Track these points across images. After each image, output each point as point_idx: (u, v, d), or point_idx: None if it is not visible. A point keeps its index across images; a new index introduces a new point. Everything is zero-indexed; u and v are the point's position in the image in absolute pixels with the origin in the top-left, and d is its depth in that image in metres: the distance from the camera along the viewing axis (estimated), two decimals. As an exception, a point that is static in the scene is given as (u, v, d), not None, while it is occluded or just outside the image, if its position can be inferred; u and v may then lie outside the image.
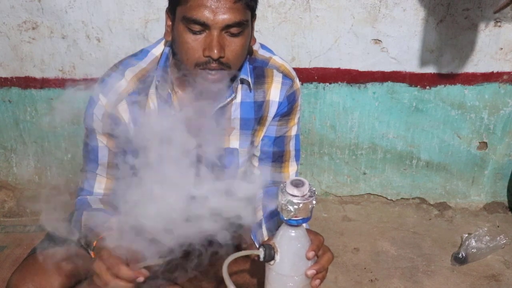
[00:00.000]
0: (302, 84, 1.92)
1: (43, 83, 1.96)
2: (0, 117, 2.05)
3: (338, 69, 1.88)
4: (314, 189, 0.84)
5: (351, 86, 1.92)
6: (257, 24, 1.80)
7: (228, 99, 1.13)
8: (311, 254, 0.86)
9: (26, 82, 1.96)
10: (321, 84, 1.92)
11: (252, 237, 1.18)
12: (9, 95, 1.99)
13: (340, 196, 2.18)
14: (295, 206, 0.81)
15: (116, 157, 1.14)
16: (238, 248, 1.22)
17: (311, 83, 1.92)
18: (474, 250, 1.81)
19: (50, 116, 2.03)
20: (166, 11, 1.08)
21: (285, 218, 0.83)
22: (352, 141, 2.05)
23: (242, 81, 1.16)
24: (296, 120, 1.24)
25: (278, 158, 1.25)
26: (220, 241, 0.96)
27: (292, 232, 0.85)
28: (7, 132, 2.08)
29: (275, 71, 1.18)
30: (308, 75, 1.90)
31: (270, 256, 0.85)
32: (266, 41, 1.83)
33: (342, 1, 1.76)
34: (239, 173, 1.26)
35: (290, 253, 0.85)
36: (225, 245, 1.25)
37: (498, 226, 2.03)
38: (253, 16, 1.10)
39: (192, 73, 1.03)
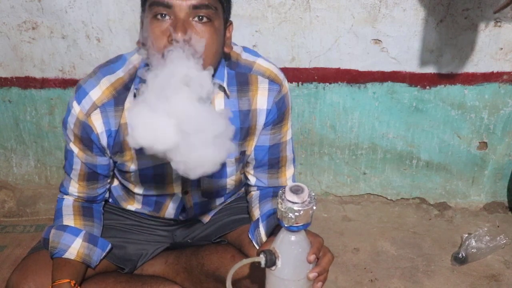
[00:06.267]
0: (302, 84, 1.92)
1: (43, 83, 1.96)
2: (0, 117, 2.05)
3: (338, 69, 1.88)
4: (313, 194, 0.83)
5: (351, 86, 1.92)
6: (257, 24, 1.80)
7: None
8: (312, 257, 0.86)
9: (26, 82, 1.96)
10: (321, 84, 1.92)
11: (249, 236, 1.18)
12: (9, 95, 2.00)
13: (340, 196, 2.18)
14: (296, 214, 0.80)
15: (86, 168, 1.14)
16: (239, 250, 1.22)
17: (311, 83, 1.92)
18: (474, 250, 1.81)
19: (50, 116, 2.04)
20: (140, 16, 1.04)
21: (286, 225, 0.82)
22: (352, 141, 2.05)
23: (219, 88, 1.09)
24: (289, 124, 1.20)
25: (274, 165, 1.22)
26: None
27: (293, 237, 0.84)
28: (7, 132, 2.09)
29: (259, 78, 1.12)
30: (308, 75, 1.90)
31: (272, 261, 0.84)
32: (266, 41, 1.83)
33: (342, 1, 1.76)
34: (227, 183, 1.24)
35: (291, 258, 0.85)
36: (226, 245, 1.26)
37: (498, 226, 2.03)
38: (225, 15, 1.05)
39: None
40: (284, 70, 1.87)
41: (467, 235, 1.89)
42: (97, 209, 1.24)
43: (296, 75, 1.90)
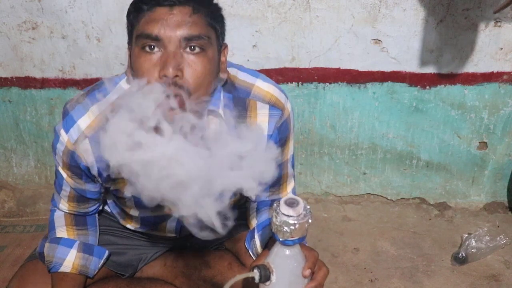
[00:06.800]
0: (302, 84, 1.92)
1: (43, 83, 1.96)
2: (0, 117, 2.05)
3: (338, 69, 1.88)
4: (308, 207, 0.80)
5: (351, 86, 1.92)
6: (257, 24, 1.80)
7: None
8: (308, 272, 0.84)
9: (26, 82, 1.96)
10: (321, 84, 1.92)
11: (246, 245, 1.17)
12: (9, 95, 2.00)
13: (340, 196, 2.18)
14: (291, 227, 0.78)
15: (75, 192, 1.12)
16: (236, 257, 1.21)
17: (311, 83, 1.92)
18: (474, 250, 1.81)
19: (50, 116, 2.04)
20: (127, 46, 0.99)
21: (281, 239, 0.80)
22: (352, 141, 2.05)
23: (212, 113, 1.03)
24: (290, 143, 1.16)
25: (276, 183, 1.19)
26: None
27: (287, 251, 0.82)
28: (7, 132, 2.09)
29: (259, 104, 1.06)
30: (308, 75, 1.90)
31: (266, 277, 0.82)
32: (266, 41, 1.83)
33: (342, 1, 1.76)
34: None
35: (286, 273, 0.83)
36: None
37: (498, 226, 2.03)
38: (219, 40, 0.98)
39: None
40: (284, 70, 1.88)
41: (467, 235, 1.89)
42: (91, 216, 1.22)
43: (296, 75, 1.90)
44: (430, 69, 1.87)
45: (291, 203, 0.79)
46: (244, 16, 1.78)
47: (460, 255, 1.81)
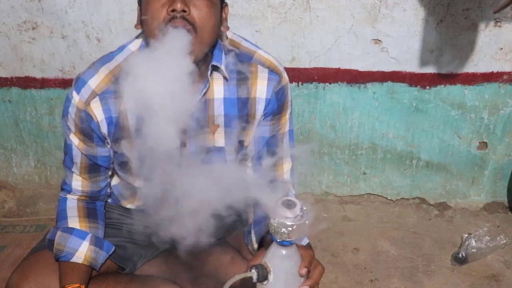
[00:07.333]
0: (302, 84, 1.92)
1: (43, 83, 1.96)
2: (0, 117, 2.05)
3: (338, 69, 1.88)
4: (305, 208, 0.82)
5: (351, 86, 1.92)
6: (257, 24, 1.80)
7: (205, 90, 1.08)
8: (304, 271, 0.86)
9: (26, 82, 1.96)
10: (321, 84, 1.92)
11: (244, 240, 1.18)
12: (9, 95, 2.00)
13: (340, 196, 2.18)
14: (289, 228, 0.79)
15: (87, 160, 1.14)
16: (238, 251, 1.21)
17: (311, 83, 1.92)
18: (474, 250, 1.81)
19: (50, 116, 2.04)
20: (137, 7, 1.08)
21: (278, 240, 0.81)
22: (352, 141, 2.05)
23: (216, 69, 1.10)
24: (287, 115, 1.20)
25: (271, 157, 1.21)
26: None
27: (284, 251, 0.84)
28: (7, 132, 2.09)
29: (259, 67, 1.14)
30: (308, 75, 1.90)
31: (263, 276, 0.84)
32: (266, 40, 1.83)
33: (342, 1, 1.76)
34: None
35: (283, 272, 0.85)
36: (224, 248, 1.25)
37: (498, 226, 2.03)
38: None
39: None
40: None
41: (467, 235, 1.89)
42: (100, 210, 1.24)
43: (296, 75, 1.90)
44: (430, 69, 1.87)
45: (288, 205, 0.80)
46: (244, 16, 1.78)
47: (460, 255, 1.81)
